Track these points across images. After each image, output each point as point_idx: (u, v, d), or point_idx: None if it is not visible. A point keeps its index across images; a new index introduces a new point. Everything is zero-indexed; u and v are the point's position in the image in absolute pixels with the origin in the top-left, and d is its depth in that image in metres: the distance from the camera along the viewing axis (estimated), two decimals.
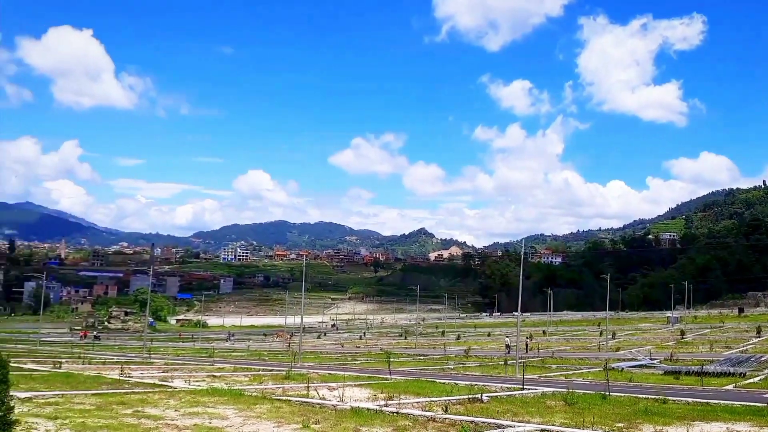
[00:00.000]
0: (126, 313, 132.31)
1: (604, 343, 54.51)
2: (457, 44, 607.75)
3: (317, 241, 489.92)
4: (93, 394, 16.53)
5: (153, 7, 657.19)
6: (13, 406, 6.99)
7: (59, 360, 33.84)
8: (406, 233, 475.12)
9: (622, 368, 33.37)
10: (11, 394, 7.11)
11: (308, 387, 19.57)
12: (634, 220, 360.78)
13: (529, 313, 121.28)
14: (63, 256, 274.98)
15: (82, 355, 40.76)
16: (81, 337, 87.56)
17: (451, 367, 38.18)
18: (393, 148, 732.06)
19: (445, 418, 13.64)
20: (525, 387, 21.83)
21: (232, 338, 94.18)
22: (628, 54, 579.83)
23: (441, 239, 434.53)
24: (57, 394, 16.02)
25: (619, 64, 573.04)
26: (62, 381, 20.08)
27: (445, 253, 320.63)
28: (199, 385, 20.65)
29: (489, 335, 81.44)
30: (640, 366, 35.21)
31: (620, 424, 13.77)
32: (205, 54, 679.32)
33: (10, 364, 8.61)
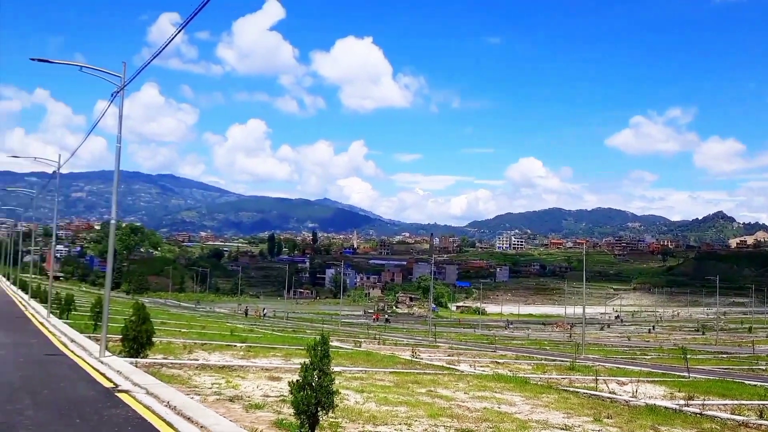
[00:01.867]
0: (411, 299, 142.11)
1: None
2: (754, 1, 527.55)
3: (595, 228, 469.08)
4: (390, 372, 17.92)
5: (422, 6, 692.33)
6: (334, 378, 7.86)
7: (359, 339, 37.57)
8: (699, 218, 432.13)
9: None
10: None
11: (596, 380, 18.71)
12: None
13: None
14: (356, 245, 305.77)
15: (377, 336, 44.76)
16: (374, 319, 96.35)
17: (763, 368, 33.34)
18: (680, 123, 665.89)
19: (761, 424, 11.88)
20: None
21: (510, 326, 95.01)
22: None
23: (743, 223, 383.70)
24: (361, 370, 17.72)
25: None
26: (364, 359, 22.18)
27: (750, 239, 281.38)
28: (483, 371, 21.13)
29: None
30: None
31: None
32: (473, 47, 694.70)
33: None
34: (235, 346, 23.08)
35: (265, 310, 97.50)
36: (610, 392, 16.24)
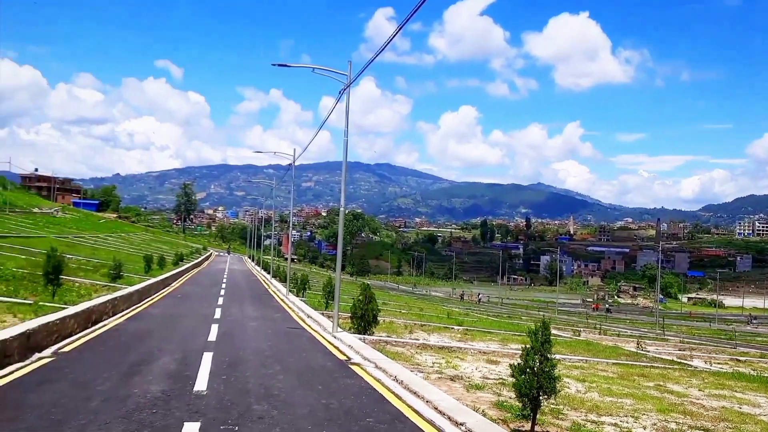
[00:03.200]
0: (634, 288, 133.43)
1: None
2: None
3: None
4: (613, 363, 17.15)
5: None
6: (556, 363, 7.79)
7: (577, 329, 36.36)
8: None
9: None
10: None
11: None
12: None
13: None
14: (572, 231, 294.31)
15: (597, 326, 42.88)
16: (593, 309, 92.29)
17: None
18: None
19: None
20: None
21: (754, 321, 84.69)
22: None
23: None
24: (581, 359, 17.21)
25: None
26: (583, 348, 21.47)
27: None
28: (721, 368, 19.27)
29: None
30: None
31: None
32: (704, 12, 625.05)
33: None
34: (453, 328, 23.76)
35: (480, 296, 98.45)
36: None
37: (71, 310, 14.57)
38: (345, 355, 13.36)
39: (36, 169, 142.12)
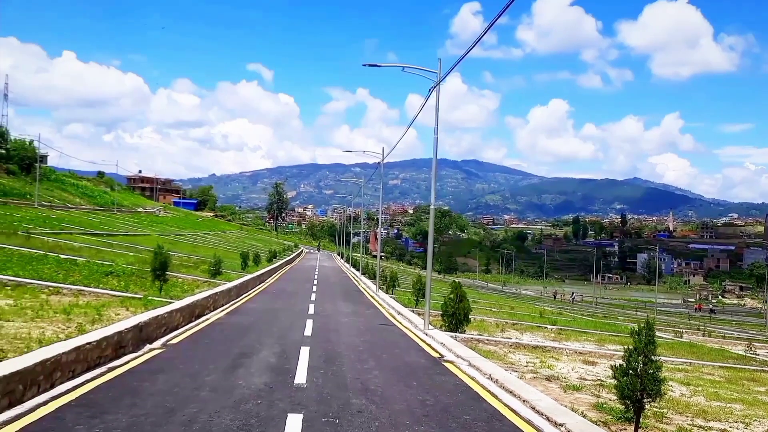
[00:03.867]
0: (741, 288, 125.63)
1: None
2: None
3: None
4: (720, 367, 16.26)
5: None
6: (661, 365, 7.50)
7: (679, 330, 34.69)
8: None
9: None
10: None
11: None
12: None
13: None
14: (671, 228, 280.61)
15: (700, 327, 40.73)
16: (695, 309, 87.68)
17: None
18: None
19: None
20: None
21: None
22: None
23: None
24: (684, 362, 16.42)
25: None
26: (686, 350, 20.46)
27: None
28: None
29: None
30: None
31: None
32: None
33: None
34: (546, 327, 23.27)
35: (574, 295, 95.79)
36: None
37: (177, 304, 15.41)
38: (437, 352, 13.39)
39: (140, 171, 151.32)
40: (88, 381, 8.59)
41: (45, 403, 7.38)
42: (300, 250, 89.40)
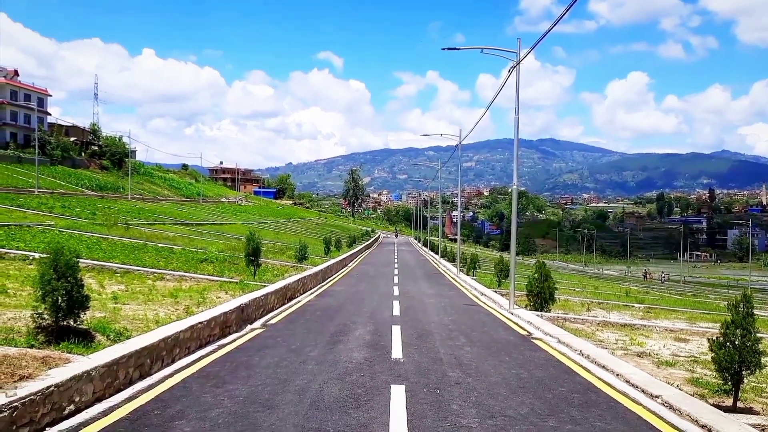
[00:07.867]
0: None
1: None
2: None
3: None
4: None
5: None
6: (760, 339, 7.47)
7: None
8: None
9: None
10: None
11: None
12: None
13: None
14: (765, 202, 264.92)
15: None
16: None
17: None
18: None
19: None
20: None
21: None
22: None
23: None
24: None
25: None
26: None
27: None
28: None
29: None
30: None
31: None
32: None
33: None
34: (633, 306, 22.89)
35: (663, 274, 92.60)
36: None
37: (272, 287, 16.27)
38: (525, 330, 13.59)
39: (221, 162, 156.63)
40: (203, 357, 9.39)
41: (171, 375, 8.17)
42: (377, 235, 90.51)
